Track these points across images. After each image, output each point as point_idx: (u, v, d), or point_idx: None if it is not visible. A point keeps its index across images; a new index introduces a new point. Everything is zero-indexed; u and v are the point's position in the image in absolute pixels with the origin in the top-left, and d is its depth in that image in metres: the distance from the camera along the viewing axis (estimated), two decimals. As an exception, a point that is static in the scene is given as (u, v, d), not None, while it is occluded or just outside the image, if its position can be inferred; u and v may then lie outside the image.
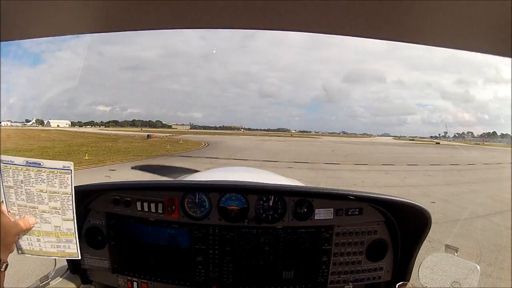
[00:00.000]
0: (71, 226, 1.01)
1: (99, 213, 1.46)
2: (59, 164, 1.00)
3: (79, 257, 1.04)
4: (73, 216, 1.01)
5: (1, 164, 0.96)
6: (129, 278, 1.45)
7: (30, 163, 0.98)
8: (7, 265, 0.92)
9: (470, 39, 0.92)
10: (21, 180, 0.98)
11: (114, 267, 1.46)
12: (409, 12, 0.83)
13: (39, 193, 0.99)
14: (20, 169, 0.98)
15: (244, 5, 0.86)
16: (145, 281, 1.44)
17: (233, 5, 0.86)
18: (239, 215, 1.42)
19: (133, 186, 1.50)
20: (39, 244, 1.00)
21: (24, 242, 0.99)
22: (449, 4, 0.77)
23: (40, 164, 0.99)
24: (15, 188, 0.98)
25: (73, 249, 1.02)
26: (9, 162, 0.97)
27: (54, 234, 1.01)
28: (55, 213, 1.00)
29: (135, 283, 1.45)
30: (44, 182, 0.99)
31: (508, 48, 0.87)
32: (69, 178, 1.01)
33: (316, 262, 1.43)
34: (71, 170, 1.01)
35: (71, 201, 1.01)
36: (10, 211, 0.97)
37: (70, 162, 1.01)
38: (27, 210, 0.99)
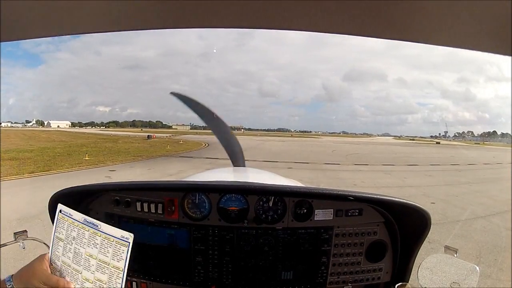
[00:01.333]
0: None
1: (99, 213, 1.46)
2: (118, 232, 0.90)
3: None
4: None
5: (60, 214, 0.91)
6: (128, 278, 1.45)
7: (88, 222, 0.90)
8: None
9: (470, 37, 0.92)
10: (74, 237, 0.90)
11: None
12: (409, 11, 0.84)
13: (88, 257, 0.89)
14: (77, 225, 0.90)
15: (244, 4, 0.86)
16: (145, 281, 1.44)
17: (233, 5, 0.87)
18: (238, 215, 1.42)
19: (133, 186, 1.50)
20: None
21: None
22: (449, 3, 0.77)
23: (97, 226, 0.90)
24: (65, 242, 0.90)
25: None
26: (68, 215, 0.91)
27: None
28: (99, 287, 0.89)
29: (134, 283, 1.44)
30: (97, 248, 0.89)
31: (508, 47, 0.87)
32: (125, 251, 0.90)
33: (315, 263, 1.43)
34: (129, 243, 0.91)
35: (121, 278, 0.89)
36: (53, 264, 0.91)
37: (130, 234, 0.91)
38: (69, 271, 0.90)
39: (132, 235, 0.91)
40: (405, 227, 1.43)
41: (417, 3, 0.80)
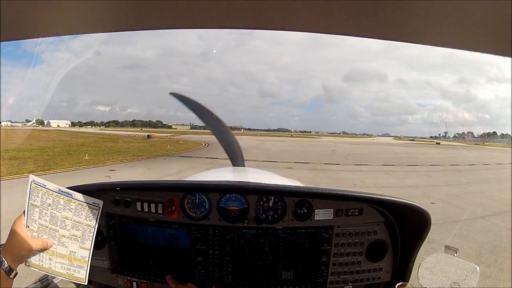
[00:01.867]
0: (86, 255, 1.05)
1: None
2: (90, 199, 1.07)
3: (86, 283, 1.07)
4: (91, 247, 1.05)
5: (33, 184, 1.00)
6: (128, 278, 1.45)
7: (62, 191, 1.04)
8: (16, 274, 0.95)
9: (469, 38, 0.92)
10: (49, 204, 1.01)
11: (114, 267, 1.46)
12: (408, 12, 0.83)
13: (63, 219, 1.03)
14: (51, 193, 1.02)
15: (244, 5, 0.86)
16: (145, 281, 1.44)
17: (233, 5, 0.86)
18: (239, 215, 1.42)
19: (133, 186, 1.50)
20: (50, 263, 1.02)
21: (35, 257, 1.00)
22: (448, 4, 0.77)
23: (71, 195, 1.04)
24: (41, 208, 1.00)
25: (82, 275, 1.06)
26: (41, 185, 1.01)
27: (68, 257, 1.03)
28: (74, 240, 1.04)
29: (134, 283, 1.44)
30: (71, 211, 1.04)
31: (508, 48, 0.87)
32: (96, 214, 1.07)
33: (315, 262, 1.43)
34: (99, 207, 1.07)
35: (92, 233, 1.06)
36: (29, 226, 0.99)
37: (100, 200, 1.07)
38: (47, 231, 1.01)
39: (102, 201, 1.08)
40: (405, 227, 1.43)
41: (416, 4, 0.80)
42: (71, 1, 0.86)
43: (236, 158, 2.76)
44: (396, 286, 1.32)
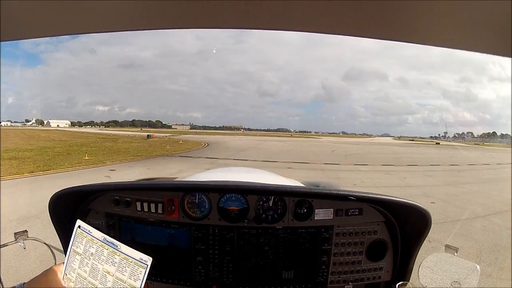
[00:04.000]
0: None
1: (99, 213, 1.46)
2: (137, 254, 0.94)
3: None
4: None
5: (78, 229, 0.95)
6: None
7: (108, 241, 0.94)
8: None
9: (469, 38, 0.92)
10: (92, 253, 0.94)
11: None
12: (407, 12, 0.83)
13: (105, 273, 0.93)
14: (95, 242, 0.94)
15: (242, 5, 0.86)
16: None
17: (230, 5, 0.86)
18: (239, 215, 1.42)
19: (133, 186, 1.50)
20: None
21: None
22: (448, 4, 0.77)
23: (117, 246, 0.94)
24: (82, 257, 0.94)
25: None
26: (87, 231, 0.95)
27: None
28: None
29: None
30: (115, 266, 0.93)
31: (508, 48, 0.87)
32: (143, 272, 0.93)
33: (316, 262, 1.43)
34: (147, 265, 0.93)
35: None
36: (67, 274, 0.94)
37: (149, 257, 0.93)
38: (85, 283, 0.93)
39: (150, 258, 0.93)
40: (405, 226, 1.43)
41: (415, 4, 0.80)
42: (71, 1, 0.86)
43: None
44: (397, 286, 1.32)
